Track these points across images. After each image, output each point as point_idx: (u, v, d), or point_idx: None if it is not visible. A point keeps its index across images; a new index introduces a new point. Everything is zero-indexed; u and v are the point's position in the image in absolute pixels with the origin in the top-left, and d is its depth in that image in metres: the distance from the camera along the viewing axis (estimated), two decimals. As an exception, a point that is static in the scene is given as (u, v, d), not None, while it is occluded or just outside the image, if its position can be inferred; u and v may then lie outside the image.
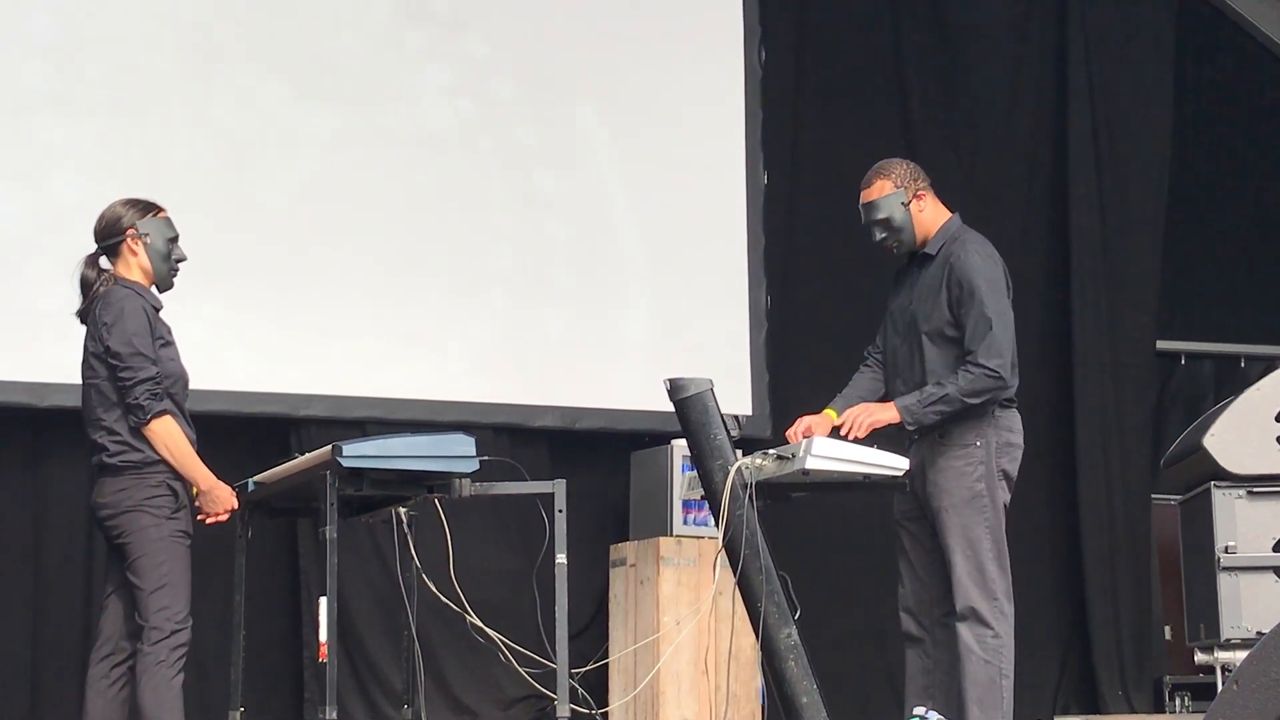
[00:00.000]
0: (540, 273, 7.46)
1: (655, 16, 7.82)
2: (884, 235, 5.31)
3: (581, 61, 7.66)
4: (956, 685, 5.06)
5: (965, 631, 5.05)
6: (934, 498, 5.13)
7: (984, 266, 5.17)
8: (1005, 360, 5.08)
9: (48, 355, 6.32)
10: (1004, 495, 5.16)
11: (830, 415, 5.27)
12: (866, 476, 4.81)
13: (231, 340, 6.88)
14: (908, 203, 5.28)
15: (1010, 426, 5.19)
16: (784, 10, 8.14)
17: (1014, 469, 5.19)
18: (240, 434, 6.77)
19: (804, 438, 4.97)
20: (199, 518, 5.06)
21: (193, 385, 5.27)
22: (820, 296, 8.05)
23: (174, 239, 5.15)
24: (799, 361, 7.91)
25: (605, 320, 7.53)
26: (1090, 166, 8.46)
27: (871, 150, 7.98)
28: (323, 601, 4.98)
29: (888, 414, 5.08)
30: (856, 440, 4.97)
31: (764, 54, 7.95)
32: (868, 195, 5.32)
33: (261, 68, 7.14)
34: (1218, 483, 6.56)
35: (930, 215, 5.31)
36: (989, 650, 5.03)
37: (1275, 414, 6.49)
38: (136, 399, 4.90)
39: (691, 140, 7.77)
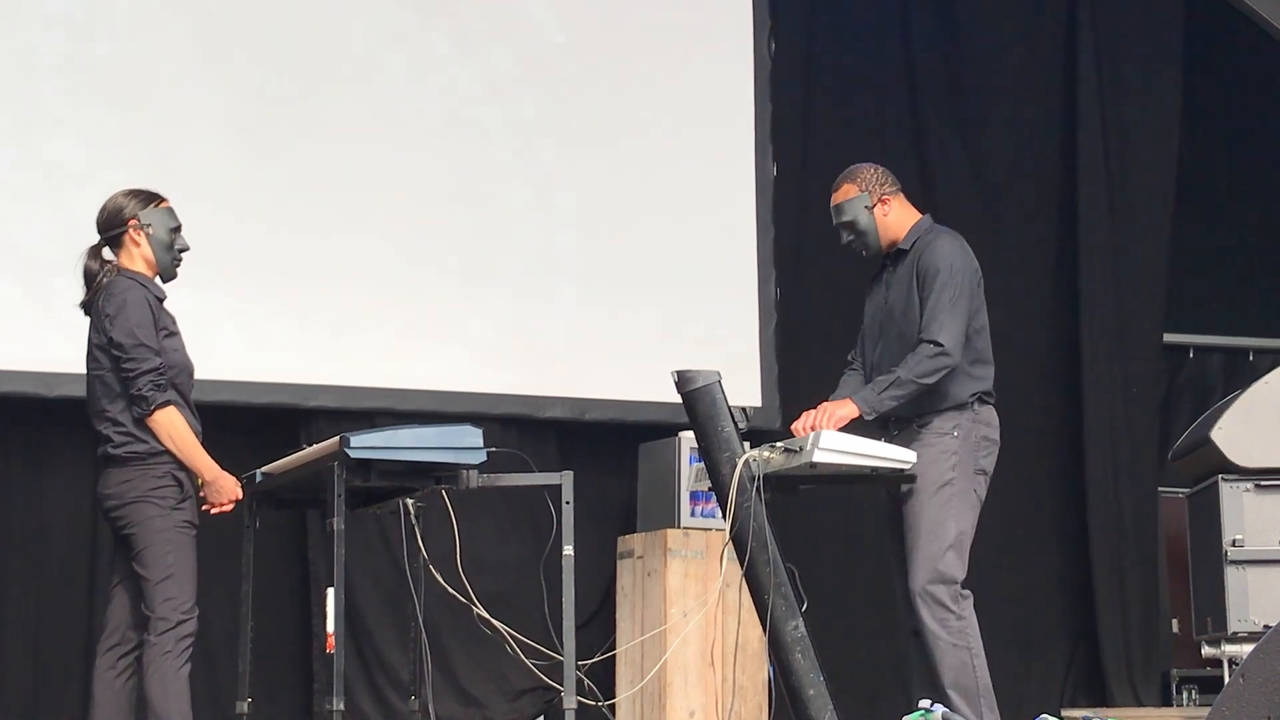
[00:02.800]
0: (549, 264, 7.46)
1: (665, 7, 7.82)
2: (850, 238, 5.43)
3: (590, 52, 7.66)
4: (933, 672, 5.08)
5: (928, 617, 5.07)
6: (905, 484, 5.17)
7: (948, 256, 5.25)
8: (951, 339, 5.11)
9: (57, 345, 6.33)
10: (979, 488, 5.20)
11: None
12: (874, 469, 4.82)
13: (241, 331, 6.89)
14: (871, 206, 5.38)
15: (989, 421, 5.25)
16: (794, 1, 8.13)
17: (990, 465, 5.25)
18: (249, 425, 6.77)
19: (810, 430, 4.99)
20: (204, 508, 5.06)
21: (202, 376, 5.27)
22: (829, 288, 8.03)
23: (176, 229, 5.14)
24: (808, 353, 7.91)
25: (614, 311, 7.53)
26: (1099, 159, 8.45)
27: (881, 141, 8.01)
28: (330, 592, 4.99)
29: (846, 409, 5.08)
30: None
31: (773, 45, 7.95)
32: (835, 199, 5.47)
33: (273, 59, 7.14)
34: (1225, 476, 6.55)
35: (896, 218, 5.39)
36: (954, 632, 5.06)
37: (1283, 407, 6.49)
38: (140, 390, 4.90)
39: (701, 131, 7.77)
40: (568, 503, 5.16)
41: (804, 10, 8.20)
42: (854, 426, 5.09)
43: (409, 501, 5.33)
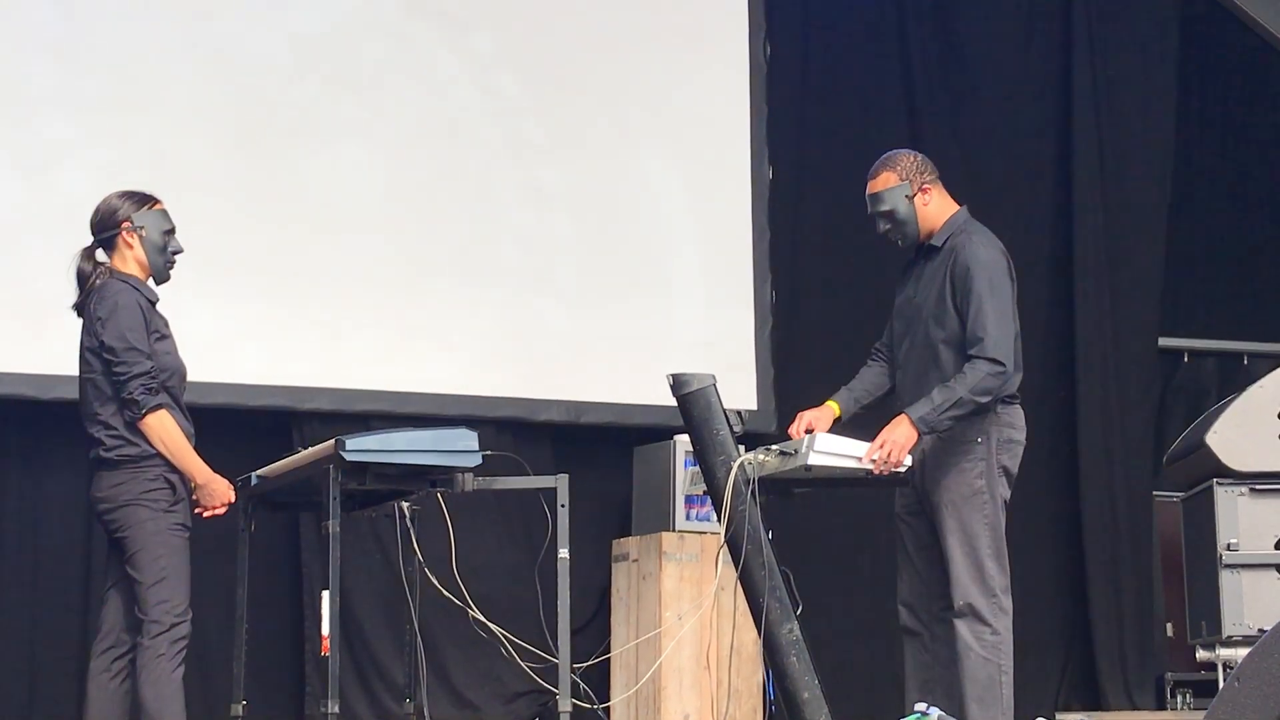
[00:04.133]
0: (545, 267, 7.46)
1: (660, 10, 7.82)
2: (888, 227, 5.30)
3: (587, 55, 7.66)
4: (956, 682, 5.06)
5: (963, 629, 5.04)
6: (934, 493, 5.12)
7: (986, 260, 5.14)
8: (1007, 355, 5.06)
9: (52, 347, 6.31)
10: (1004, 491, 5.14)
11: (832, 407, 5.26)
12: (869, 472, 4.81)
13: (236, 333, 6.88)
14: (912, 196, 5.25)
15: (1012, 423, 5.17)
16: (789, 4, 8.14)
17: (1015, 465, 5.17)
18: (244, 427, 6.77)
19: (805, 433, 4.96)
20: (196, 511, 5.05)
21: (197, 378, 5.26)
22: (826, 291, 8.04)
23: (170, 231, 5.13)
24: (804, 356, 7.91)
25: (610, 314, 7.52)
26: (1094, 162, 8.46)
27: (877, 144, 7.99)
28: (325, 595, 4.98)
29: (907, 434, 4.93)
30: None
31: (769, 48, 7.95)
32: (873, 187, 5.31)
33: (267, 61, 7.14)
34: (1220, 480, 6.56)
35: (936, 208, 5.28)
36: (987, 647, 5.02)
37: (1278, 411, 6.49)
38: (131, 394, 4.89)
39: (696, 134, 7.77)
40: (563, 506, 5.16)
41: (800, 14, 8.20)
42: (846, 428, 5.07)
43: (404, 504, 5.33)
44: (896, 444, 4.89)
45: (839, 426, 5.17)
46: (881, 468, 4.85)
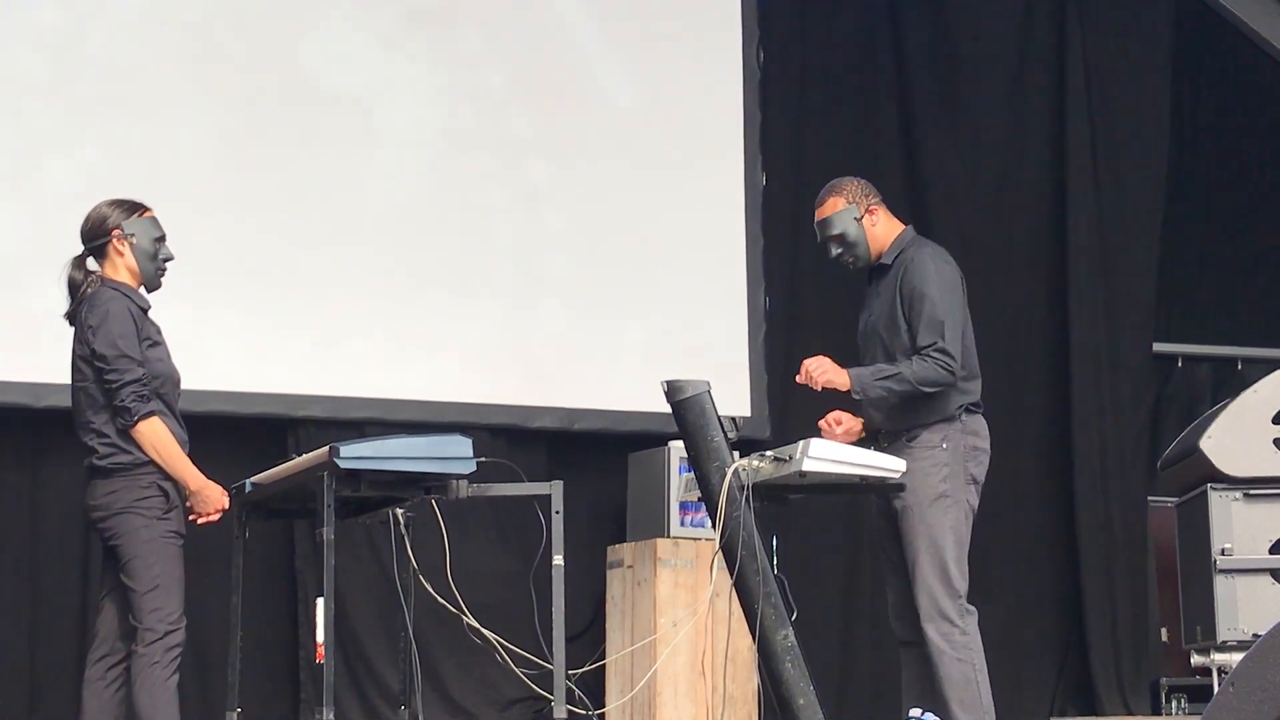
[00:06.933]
0: (539, 273, 7.47)
1: (653, 16, 7.83)
2: (839, 251, 5.40)
3: (580, 63, 7.66)
4: (938, 686, 5.09)
5: (933, 632, 5.09)
6: (899, 498, 5.17)
7: (935, 271, 5.24)
8: (957, 356, 5.13)
9: (46, 355, 6.30)
10: (972, 499, 5.20)
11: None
12: (863, 478, 4.82)
13: (230, 341, 6.88)
14: (860, 218, 5.37)
15: (976, 431, 5.25)
16: (784, 10, 8.14)
17: (981, 473, 5.25)
18: (238, 435, 6.76)
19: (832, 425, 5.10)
20: (190, 518, 5.05)
21: (192, 386, 5.25)
22: (820, 297, 8.04)
23: (160, 239, 5.12)
24: (798, 362, 7.87)
25: (604, 321, 7.53)
26: (1088, 167, 8.46)
27: (872, 150, 8.02)
28: (319, 602, 4.98)
29: (840, 377, 5.15)
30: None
31: (762, 54, 7.96)
32: (821, 213, 5.42)
33: (259, 68, 7.14)
34: (1214, 485, 6.55)
35: (883, 229, 5.39)
36: (958, 648, 5.07)
37: (1272, 416, 6.49)
38: (123, 401, 4.88)
39: (690, 140, 7.77)
40: (557, 512, 5.15)
41: (795, 20, 8.21)
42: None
43: (398, 511, 5.33)
44: (825, 369, 5.15)
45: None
46: (803, 378, 5.12)
